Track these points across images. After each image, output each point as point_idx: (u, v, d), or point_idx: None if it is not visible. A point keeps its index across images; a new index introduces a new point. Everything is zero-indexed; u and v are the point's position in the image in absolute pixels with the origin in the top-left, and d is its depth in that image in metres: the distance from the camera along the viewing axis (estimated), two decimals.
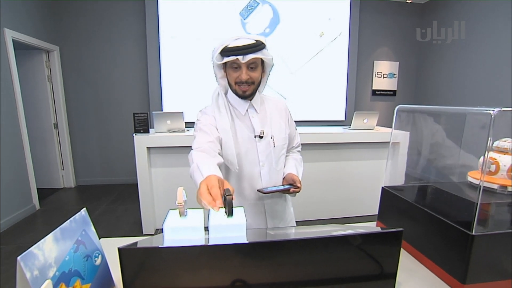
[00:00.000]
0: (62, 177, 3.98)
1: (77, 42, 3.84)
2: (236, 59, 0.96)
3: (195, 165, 0.87)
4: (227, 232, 0.60)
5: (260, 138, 1.06)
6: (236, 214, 0.64)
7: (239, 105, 1.09)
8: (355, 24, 4.25)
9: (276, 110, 1.15)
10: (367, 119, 3.05)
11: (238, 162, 1.04)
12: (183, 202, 0.60)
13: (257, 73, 1.02)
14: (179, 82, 4.01)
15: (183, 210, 0.61)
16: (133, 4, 3.84)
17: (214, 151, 0.96)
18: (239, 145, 1.06)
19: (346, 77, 4.37)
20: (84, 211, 0.61)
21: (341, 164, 2.98)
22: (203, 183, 0.70)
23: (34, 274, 0.43)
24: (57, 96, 3.78)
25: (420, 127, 1.01)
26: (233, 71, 1.00)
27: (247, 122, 1.08)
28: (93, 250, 0.60)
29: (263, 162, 1.07)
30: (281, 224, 1.16)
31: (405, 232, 0.80)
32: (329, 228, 0.70)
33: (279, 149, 1.12)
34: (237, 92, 1.04)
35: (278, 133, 1.11)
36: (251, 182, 1.08)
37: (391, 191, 0.86)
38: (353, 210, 3.10)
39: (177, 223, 0.60)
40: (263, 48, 0.98)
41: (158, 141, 2.60)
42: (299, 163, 1.23)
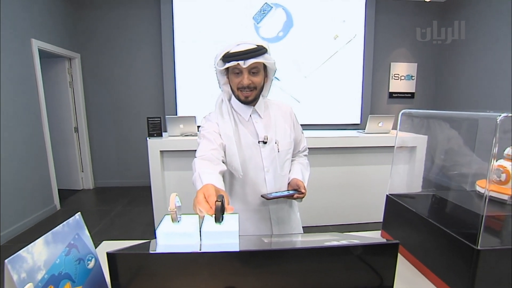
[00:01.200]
0: (82, 179, 4.14)
1: (96, 50, 4.01)
2: (237, 64, 0.95)
3: (197, 173, 0.87)
4: (219, 239, 0.59)
5: (264, 144, 1.05)
6: (229, 221, 0.63)
7: (243, 110, 1.08)
8: (371, 25, 4.16)
9: (280, 115, 1.13)
10: (382, 123, 2.96)
11: (243, 168, 1.03)
12: (175, 208, 0.60)
13: (259, 78, 1.01)
14: (194, 87, 4.08)
15: (175, 216, 0.61)
16: (149, 12, 3.97)
17: (218, 158, 0.96)
18: (243, 151, 1.05)
19: (361, 80, 4.28)
20: (78, 216, 0.62)
21: (354, 168, 2.90)
22: (200, 192, 0.70)
23: (22, 277, 0.44)
24: (78, 101, 3.96)
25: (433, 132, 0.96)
26: (235, 77, 1.00)
27: (250, 128, 1.07)
28: (86, 253, 0.61)
29: (267, 167, 1.06)
30: (286, 229, 1.14)
31: (409, 242, 0.76)
32: (327, 237, 0.68)
33: (284, 154, 1.10)
34: (239, 98, 1.04)
35: (283, 138, 1.10)
36: (255, 188, 1.07)
37: (395, 200, 0.82)
38: (366, 217, 3.00)
39: (171, 228, 0.60)
40: (264, 52, 0.97)
41: (171, 145, 2.65)
42: (305, 167, 1.20)
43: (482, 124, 0.74)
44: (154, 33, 4.01)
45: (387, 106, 4.51)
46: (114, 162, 4.28)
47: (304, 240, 0.64)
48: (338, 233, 0.74)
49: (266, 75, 1.06)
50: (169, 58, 4.00)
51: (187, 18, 3.93)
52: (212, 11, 3.93)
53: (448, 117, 0.83)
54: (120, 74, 4.08)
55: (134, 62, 4.07)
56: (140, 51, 4.06)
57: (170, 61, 4.01)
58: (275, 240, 0.66)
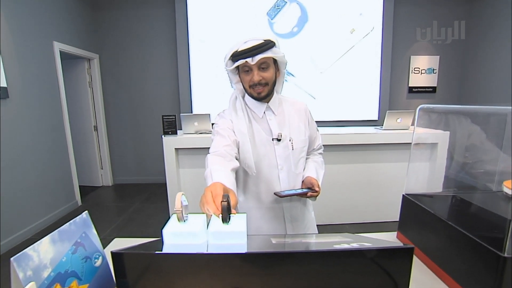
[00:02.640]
0: (101, 176, 4.28)
1: (114, 50, 4.11)
2: (245, 62, 0.94)
3: (209, 170, 0.87)
4: (226, 239, 0.58)
5: (278, 141, 1.04)
6: (237, 221, 0.61)
7: (256, 107, 1.07)
8: (389, 17, 4.00)
9: (295, 112, 1.11)
10: (401, 119, 2.85)
11: (256, 166, 1.02)
12: (181, 208, 0.60)
13: (269, 73, 0.99)
14: (208, 85, 4.10)
15: (181, 215, 0.60)
16: (164, 12, 4.02)
17: (231, 155, 0.95)
18: (257, 148, 1.04)
19: (379, 74, 4.14)
20: (86, 214, 0.63)
21: (370, 166, 2.82)
22: (208, 190, 0.69)
23: (28, 275, 0.44)
24: (97, 100, 4.08)
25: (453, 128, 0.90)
26: (245, 75, 0.99)
27: (264, 125, 1.06)
28: (93, 252, 0.61)
29: (281, 165, 1.05)
30: (300, 228, 1.12)
31: (426, 245, 0.72)
32: (338, 238, 0.65)
33: (298, 152, 1.08)
34: (252, 95, 1.03)
35: (297, 136, 1.07)
36: (269, 186, 1.05)
37: (413, 200, 0.77)
38: (383, 216, 2.91)
39: (177, 228, 0.60)
40: (272, 46, 0.95)
41: (186, 142, 2.67)
42: (320, 166, 1.18)
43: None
44: (169, 33, 4.06)
45: (406, 102, 4.34)
46: (132, 160, 4.40)
47: (315, 241, 0.61)
48: (350, 234, 0.71)
49: (278, 69, 1.04)
50: (184, 56, 4.04)
51: (201, 16, 3.95)
52: (226, 8, 3.93)
53: (473, 112, 0.77)
54: (136, 73, 4.17)
55: (150, 61, 4.15)
56: (155, 50, 4.12)
57: (185, 60, 4.04)
58: (285, 241, 0.63)
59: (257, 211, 1.08)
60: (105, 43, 4.10)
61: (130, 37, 4.08)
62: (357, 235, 0.69)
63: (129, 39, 4.08)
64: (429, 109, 0.77)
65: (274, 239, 0.64)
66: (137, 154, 4.38)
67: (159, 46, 4.11)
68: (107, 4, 4.02)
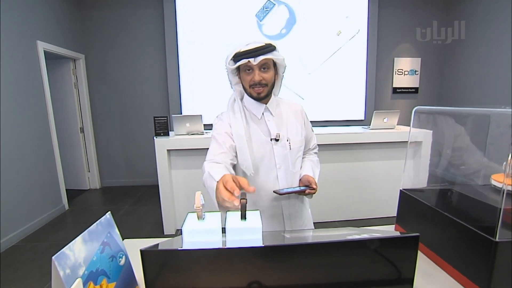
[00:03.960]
0: (88, 179, 4.19)
1: (100, 50, 4.03)
2: (248, 62, 0.99)
3: (207, 173, 0.93)
4: (243, 235, 0.61)
5: (276, 141, 1.08)
6: (252, 217, 0.65)
7: (255, 108, 1.11)
8: (374, 20, 4.15)
9: (292, 113, 1.16)
10: (387, 118, 2.97)
11: (255, 166, 1.06)
12: (201, 206, 0.63)
13: (270, 74, 1.04)
14: (198, 86, 4.10)
15: (201, 213, 0.63)
16: (152, 12, 3.98)
17: (226, 162, 1.00)
18: (256, 148, 1.08)
19: (365, 76, 4.28)
20: (109, 215, 0.65)
21: (360, 164, 2.92)
22: (219, 183, 0.73)
23: (67, 273, 0.47)
24: (83, 101, 3.99)
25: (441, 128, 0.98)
26: (246, 75, 1.04)
27: (263, 126, 1.10)
28: (118, 251, 0.63)
29: (279, 165, 1.09)
30: (298, 225, 1.17)
31: (424, 236, 0.78)
32: (345, 231, 0.70)
33: (296, 152, 1.13)
34: (252, 95, 1.07)
35: (294, 136, 1.12)
36: (268, 185, 1.09)
37: (410, 194, 0.84)
38: (373, 212, 3.03)
39: (196, 225, 0.63)
40: (273, 50, 1.01)
41: (178, 143, 2.68)
42: (316, 164, 1.23)
43: (496, 120, 0.76)
44: (158, 33, 4.02)
45: (391, 102, 4.52)
46: (120, 162, 4.32)
47: (324, 234, 0.66)
48: (355, 228, 0.76)
49: (277, 72, 1.09)
50: (173, 57, 4.01)
51: (189, 17, 3.94)
52: (214, 9, 3.94)
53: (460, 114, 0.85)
54: (124, 74, 4.10)
55: (138, 62, 4.09)
56: (144, 51, 4.07)
57: (174, 60, 4.02)
58: (297, 235, 0.68)
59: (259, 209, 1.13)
60: (91, 43, 4.01)
61: (117, 37, 4.01)
62: (362, 228, 0.74)
63: (116, 39, 4.01)
64: (424, 111, 0.84)
65: (287, 233, 0.69)
66: (125, 155, 4.31)
67: (147, 47, 4.07)
68: (94, 3, 3.93)
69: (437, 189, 0.82)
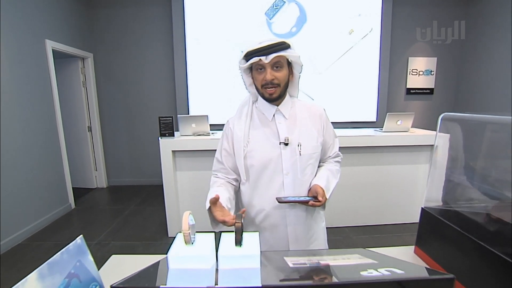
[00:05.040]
0: (95, 178, 4.19)
1: (108, 49, 4.01)
2: (259, 60, 0.93)
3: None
4: (238, 263, 0.53)
5: (285, 145, 1.00)
6: (249, 242, 0.56)
7: (266, 110, 1.05)
8: (388, 19, 4.00)
9: (308, 117, 1.07)
10: (401, 121, 2.83)
11: (261, 170, 1.01)
12: (189, 229, 0.54)
13: (282, 73, 0.97)
14: (206, 85, 4.04)
15: (189, 238, 0.55)
16: (160, 10, 3.94)
17: (227, 178, 1.09)
18: (263, 152, 1.01)
19: (377, 76, 4.13)
20: (80, 239, 0.57)
21: (372, 168, 2.80)
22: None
23: None
24: (91, 100, 3.98)
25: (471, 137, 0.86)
26: (258, 74, 0.98)
27: (273, 128, 1.04)
28: (90, 282, 0.55)
29: (287, 171, 1.01)
30: (304, 237, 1.07)
31: (451, 265, 0.68)
32: (357, 259, 0.60)
33: (306, 158, 1.03)
34: (264, 96, 1.01)
35: (307, 141, 1.03)
36: (272, 191, 1.02)
37: (434, 214, 0.73)
38: (385, 218, 2.90)
39: (183, 251, 0.54)
40: (287, 47, 0.94)
41: (183, 144, 2.62)
42: (334, 174, 1.12)
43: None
44: (166, 32, 3.98)
45: (404, 103, 4.35)
46: (127, 161, 4.31)
47: (335, 264, 0.56)
48: (365, 251, 0.66)
49: (291, 72, 1.02)
50: (181, 56, 3.96)
51: (198, 16, 3.88)
52: (223, 7, 3.86)
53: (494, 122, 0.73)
54: (132, 73, 4.08)
55: (146, 61, 4.06)
56: (151, 49, 4.04)
57: (182, 60, 3.97)
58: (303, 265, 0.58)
59: (259, 215, 1.06)
60: (99, 42, 4.00)
61: (125, 36, 3.98)
62: (374, 253, 0.64)
63: (124, 38, 3.99)
64: (451, 117, 0.73)
65: (289, 259, 0.60)
66: (133, 155, 4.29)
67: (155, 46, 4.03)
68: (102, 2, 3.92)
69: (468, 210, 0.71)
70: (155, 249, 2.54)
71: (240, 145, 1.01)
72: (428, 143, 2.74)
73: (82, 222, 3.21)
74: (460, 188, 0.72)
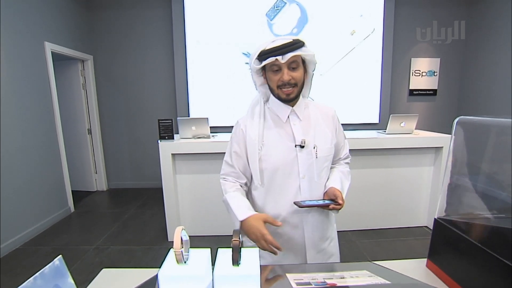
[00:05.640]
0: (95, 181, 4.15)
1: (108, 51, 3.99)
2: (275, 60, 0.90)
3: (226, 200, 1.00)
4: (236, 284, 0.48)
5: (301, 148, 0.97)
6: (247, 260, 0.52)
7: (280, 111, 1.01)
8: (390, 19, 3.95)
9: (321, 117, 1.05)
10: (404, 123, 2.78)
11: (276, 173, 0.98)
12: (181, 248, 0.50)
13: (299, 73, 0.95)
14: (206, 88, 4.00)
15: (181, 257, 0.50)
16: (160, 12, 3.91)
17: (238, 181, 1.05)
18: (277, 155, 0.98)
19: (380, 77, 4.08)
20: (58, 260, 0.51)
21: (375, 171, 2.75)
22: (253, 229, 0.86)
23: None
24: (91, 103, 3.95)
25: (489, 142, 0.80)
26: (274, 74, 0.94)
27: (288, 130, 1.00)
28: None
29: (303, 174, 0.98)
30: (320, 241, 1.04)
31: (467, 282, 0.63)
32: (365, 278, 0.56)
33: (322, 161, 1.00)
34: (280, 97, 0.97)
35: (323, 143, 1.01)
36: (289, 195, 0.98)
37: (449, 226, 0.68)
38: (389, 222, 2.85)
39: (176, 270, 0.50)
40: (302, 46, 0.91)
41: (183, 147, 2.58)
42: (346, 176, 1.10)
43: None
44: (166, 34, 3.95)
45: (407, 104, 4.29)
46: (127, 164, 4.27)
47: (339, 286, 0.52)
48: (375, 266, 0.62)
49: (306, 70, 0.99)
50: (181, 58, 3.93)
51: (198, 17, 3.85)
52: (223, 8, 3.83)
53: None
54: (132, 75, 4.05)
55: (146, 63, 4.03)
56: (152, 51, 4.01)
57: (182, 62, 3.94)
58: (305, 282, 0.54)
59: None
60: (99, 44, 3.97)
61: (125, 38, 3.96)
62: (384, 269, 0.60)
63: (124, 40, 3.96)
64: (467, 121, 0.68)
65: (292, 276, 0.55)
66: (133, 158, 4.26)
67: (155, 48, 4.00)
68: (102, 4, 3.90)
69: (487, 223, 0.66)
70: (154, 254, 2.50)
71: (255, 148, 0.97)
72: (432, 145, 2.69)
73: (81, 226, 3.17)
74: (478, 198, 0.67)
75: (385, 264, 0.70)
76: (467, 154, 0.71)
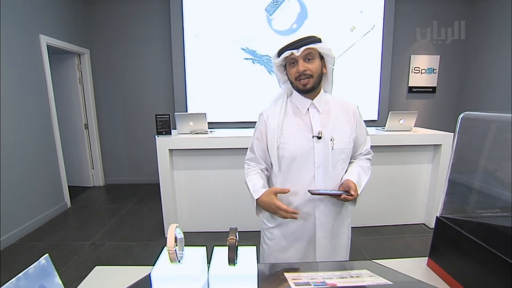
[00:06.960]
0: (92, 176, 4.12)
1: (106, 45, 3.93)
2: (291, 54, 0.98)
3: (246, 184, 1.10)
4: (232, 284, 0.46)
5: (318, 139, 1.03)
6: (244, 259, 0.50)
7: (301, 103, 1.08)
8: (390, 16, 3.92)
9: (342, 112, 1.09)
10: (403, 120, 2.77)
11: (292, 162, 1.04)
12: (175, 246, 0.48)
13: (314, 65, 1.00)
14: (204, 83, 3.96)
15: (175, 256, 0.48)
16: (158, 6, 3.85)
17: (259, 166, 1.14)
18: (295, 143, 1.04)
19: (379, 74, 4.05)
20: (45, 259, 0.49)
21: (374, 168, 2.71)
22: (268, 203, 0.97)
23: None
24: (88, 97, 3.91)
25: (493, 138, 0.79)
26: (291, 67, 1.02)
27: (306, 121, 1.06)
28: None
29: (318, 164, 1.03)
30: (330, 232, 1.08)
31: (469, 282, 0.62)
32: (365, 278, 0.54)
33: (338, 153, 1.05)
34: (298, 88, 1.04)
35: (340, 136, 1.05)
36: (304, 183, 1.04)
37: (450, 224, 0.66)
38: (387, 219, 2.85)
39: (170, 270, 0.48)
40: (317, 41, 0.99)
41: (180, 143, 2.55)
42: (365, 171, 1.13)
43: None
44: (164, 28, 3.90)
45: (406, 101, 4.28)
46: (124, 159, 4.24)
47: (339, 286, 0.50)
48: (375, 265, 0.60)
49: (325, 66, 1.05)
50: (179, 53, 3.88)
51: (197, 12, 3.79)
52: (222, 3, 3.78)
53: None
54: (130, 69, 4.00)
55: (144, 57, 3.98)
56: (149, 46, 3.96)
57: (180, 56, 3.89)
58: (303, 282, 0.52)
59: (289, 206, 1.04)
60: (96, 38, 3.91)
61: (123, 32, 3.90)
62: (384, 268, 0.58)
63: (122, 34, 3.90)
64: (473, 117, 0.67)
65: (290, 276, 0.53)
66: (130, 153, 4.22)
67: (153, 42, 3.95)
68: None
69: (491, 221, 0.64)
70: (151, 250, 2.48)
71: (274, 135, 1.04)
72: (431, 142, 2.68)
73: (78, 221, 3.15)
74: (482, 196, 0.65)
75: (385, 263, 0.69)
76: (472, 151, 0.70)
